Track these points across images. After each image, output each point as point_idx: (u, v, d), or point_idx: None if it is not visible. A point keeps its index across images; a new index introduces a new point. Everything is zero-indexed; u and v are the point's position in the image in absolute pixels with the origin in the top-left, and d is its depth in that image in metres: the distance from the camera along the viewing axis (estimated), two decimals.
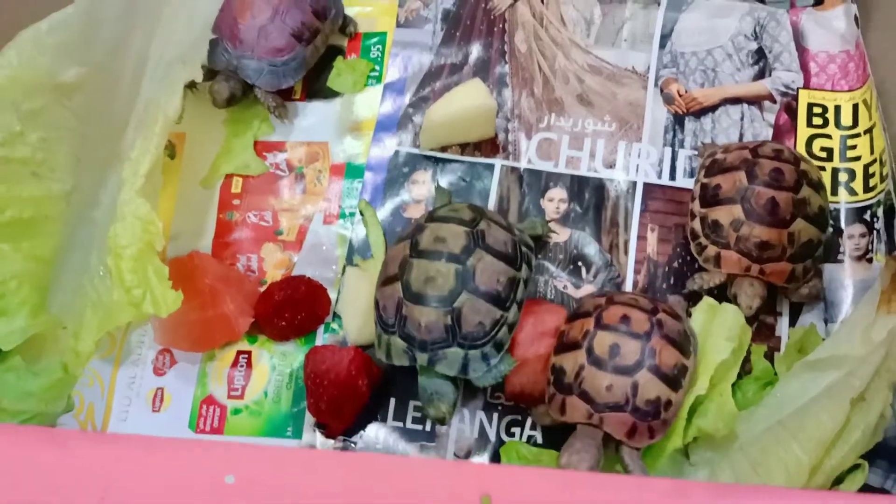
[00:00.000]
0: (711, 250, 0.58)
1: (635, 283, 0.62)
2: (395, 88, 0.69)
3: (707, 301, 0.58)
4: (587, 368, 0.53)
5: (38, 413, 0.56)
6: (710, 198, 0.59)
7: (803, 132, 0.66)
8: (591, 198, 0.65)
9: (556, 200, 0.65)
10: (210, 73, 0.66)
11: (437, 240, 0.55)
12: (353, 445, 0.59)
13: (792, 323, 0.60)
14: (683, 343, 0.54)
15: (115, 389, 0.61)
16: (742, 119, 0.67)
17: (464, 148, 0.67)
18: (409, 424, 0.59)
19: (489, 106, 0.64)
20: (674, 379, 0.53)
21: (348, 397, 0.57)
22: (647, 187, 0.65)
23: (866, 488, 0.53)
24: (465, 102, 0.64)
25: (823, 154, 0.65)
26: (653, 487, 0.37)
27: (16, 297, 0.55)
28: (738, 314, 0.57)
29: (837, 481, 0.53)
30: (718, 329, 0.57)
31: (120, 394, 0.61)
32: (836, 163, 0.65)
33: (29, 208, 0.57)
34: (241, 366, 0.61)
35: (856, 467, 0.53)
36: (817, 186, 0.58)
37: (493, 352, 0.55)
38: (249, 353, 0.62)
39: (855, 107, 0.66)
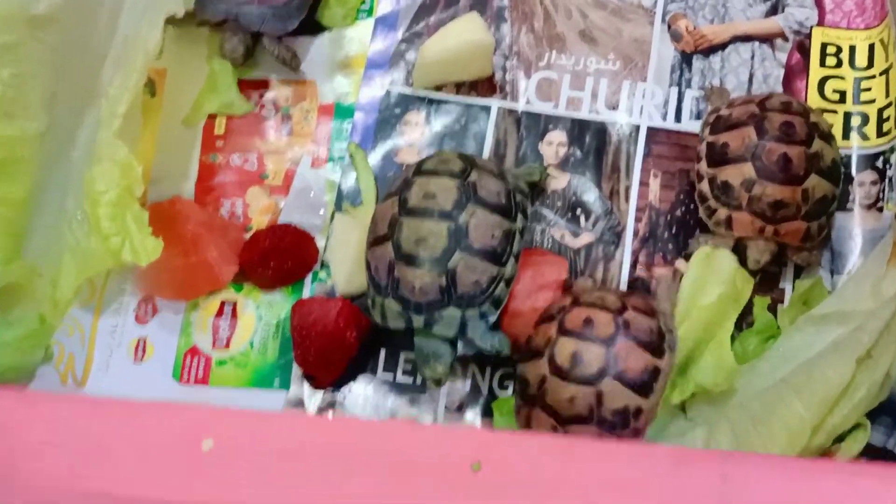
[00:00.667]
0: (722, 213, 0.55)
1: (636, 232, 0.60)
2: (387, 23, 0.65)
3: (703, 250, 0.56)
4: (549, 379, 0.49)
5: (14, 364, 0.54)
6: (718, 157, 0.56)
7: (816, 73, 0.63)
8: (591, 141, 0.62)
9: (555, 144, 0.62)
10: (213, 26, 0.62)
11: (426, 196, 0.52)
12: (341, 398, 0.57)
13: (797, 274, 0.58)
14: (655, 342, 0.50)
15: (96, 339, 0.59)
16: (752, 58, 0.63)
17: (459, 87, 0.63)
18: (399, 377, 0.58)
19: (486, 42, 0.61)
20: (643, 384, 0.49)
21: (336, 349, 0.55)
22: (651, 131, 0.62)
23: (868, 447, 0.51)
24: (461, 38, 0.61)
25: (836, 97, 0.62)
26: (654, 455, 0.35)
27: None
28: (732, 259, 0.55)
29: (838, 439, 0.51)
30: (711, 276, 0.55)
31: (101, 343, 0.59)
32: (849, 106, 0.62)
33: (0, 149, 0.54)
34: (227, 315, 0.59)
35: (858, 426, 0.51)
36: (829, 138, 0.56)
37: (491, 309, 0.53)
38: (235, 302, 0.59)
39: (871, 46, 0.62)
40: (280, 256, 0.58)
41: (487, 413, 0.57)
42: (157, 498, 0.35)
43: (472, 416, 0.57)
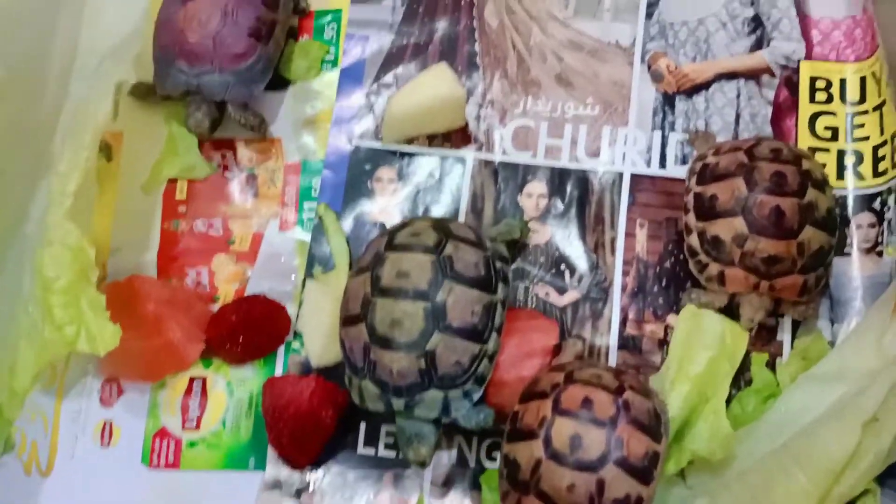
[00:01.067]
0: (714, 268, 0.52)
1: (624, 287, 0.57)
2: (353, 74, 0.62)
3: (688, 309, 0.53)
4: (545, 463, 0.46)
5: None
6: (707, 210, 0.53)
7: (805, 109, 0.60)
8: (573, 191, 0.59)
9: (535, 196, 0.59)
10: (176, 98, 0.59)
11: (399, 275, 0.49)
12: (319, 478, 0.54)
13: (795, 325, 0.55)
14: (653, 426, 0.47)
15: (60, 424, 0.56)
16: (738, 97, 0.60)
17: (432, 139, 0.60)
18: (381, 452, 0.55)
19: (457, 94, 0.57)
20: (644, 471, 0.46)
21: (312, 431, 0.52)
22: (635, 178, 0.59)
23: None
24: (431, 91, 0.57)
25: (828, 134, 0.59)
26: None
27: None
28: (718, 320, 0.52)
29: None
30: (699, 337, 0.52)
31: (65, 429, 0.56)
32: (843, 143, 0.59)
33: None
34: (196, 393, 0.56)
35: (866, 492, 0.48)
36: (822, 185, 0.53)
37: (474, 388, 0.50)
38: (204, 379, 0.56)
39: (862, 80, 0.60)
40: (250, 330, 0.55)
41: (475, 487, 0.54)
42: None
43: (460, 491, 0.54)
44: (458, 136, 0.60)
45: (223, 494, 0.54)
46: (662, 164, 0.59)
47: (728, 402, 0.52)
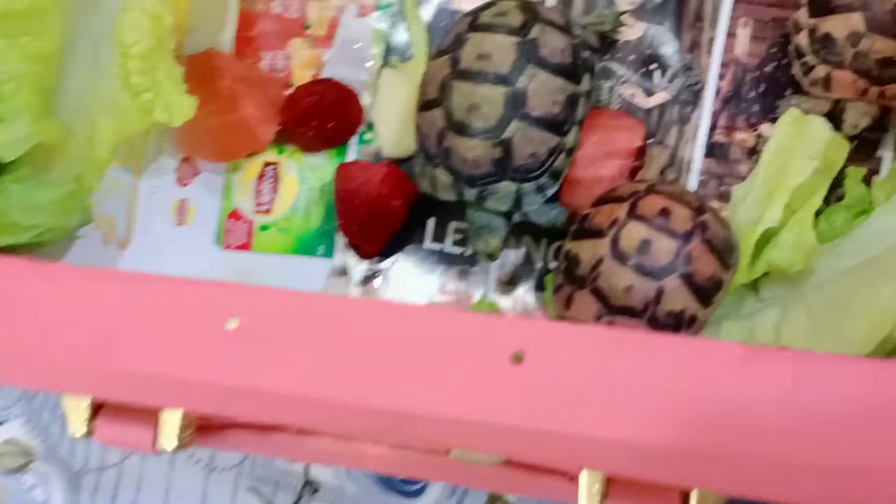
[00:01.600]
0: (821, 70, 0.48)
1: (718, 91, 0.53)
2: None
3: (792, 112, 0.50)
4: (607, 262, 0.45)
5: (52, 227, 0.53)
6: (823, 4, 0.48)
7: None
8: None
9: None
10: None
11: (480, 56, 0.46)
12: (387, 269, 0.54)
13: None
14: (725, 253, 0.46)
15: (137, 200, 0.57)
16: None
17: None
18: (448, 247, 0.54)
19: None
20: (706, 292, 0.45)
21: (381, 218, 0.52)
22: None
23: None
24: None
25: None
26: (718, 352, 0.31)
27: (15, 102, 0.50)
28: (825, 128, 0.48)
29: None
30: (802, 145, 0.49)
31: (142, 205, 0.57)
32: None
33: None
34: (269, 178, 0.56)
35: None
36: None
37: (549, 182, 0.48)
38: (276, 164, 0.56)
39: None
40: (322, 115, 0.54)
41: (540, 286, 0.53)
42: (178, 376, 0.33)
43: (524, 289, 0.54)
44: None
45: (292, 277, 0.56)
46: None
47: (816, 215, 0.50)
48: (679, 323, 0.45)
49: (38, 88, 0.52)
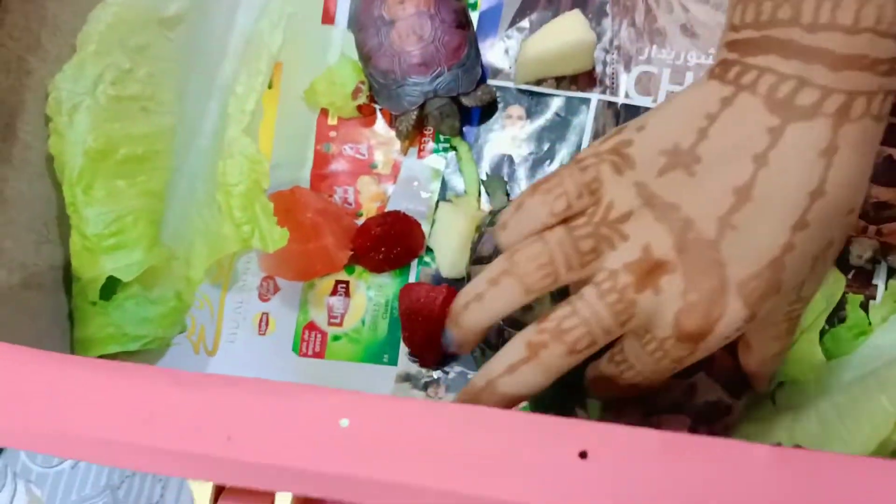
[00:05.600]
0: None
1: None
2: (491, 18, 0.68)
3: None
4: None
5: (157, 337, 0.60)
6: None
7: None
8: None
9: None
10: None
11: None
12: (446, 374, 0.62)
13: (891, 272, 0.59)
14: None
15: (224, 313, 0.65)
16: None
17: (559, 81, 0.66)
18: None
19: (588, 40, 0.63)
20: (734, 385, 0.52)
21: (440, 333, 0.59)
22: None
23: None
24: (563, 36, 0.63)
25: None
26: (751, 453, 0.38)
27: (133, 232, 0.58)
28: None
29: None
30: None
31: (228, 317, 0.65)
32: None
33: (141, 144, 0.60)
34: (340, 294, 0.64)
35: None
36: None
37: None
38: (347, 282, 0.64)
39: None
40: (390, 242, 0.62)
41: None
42: (301, 469, 0.40)
43: None
44: (585, 79, 0.66)
45: (360, 382, 0.63)
46: None
47: (822, 335, 0.57)
48: (717, 412, 0.51)
49: (150, 220, 0.60)
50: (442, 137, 0.66)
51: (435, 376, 0.62)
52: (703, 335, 0.41)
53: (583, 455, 0.38)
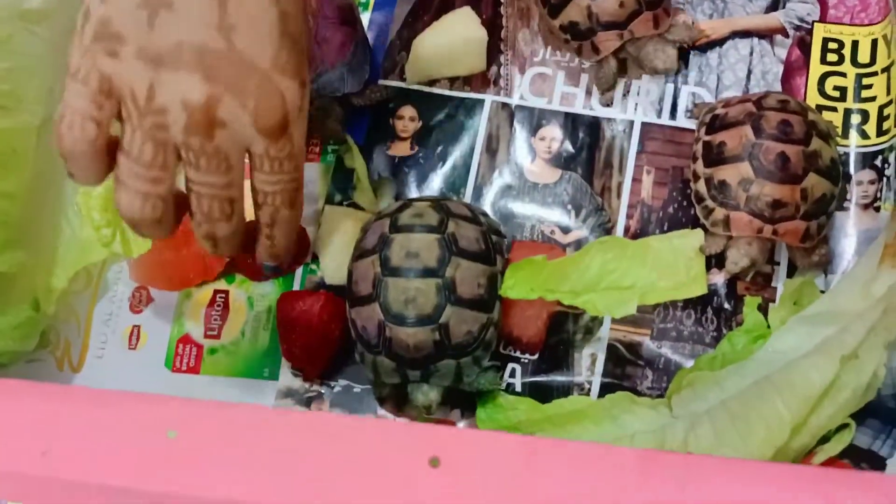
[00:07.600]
0: (719, 213, 0.55)
1: (627, 228, 0.59)
2: (382, 17, 0.65)
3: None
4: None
5: (8, 350, 0.55)
6: (715, 156, 0.55)
7: (816, 69, 0.62)
8: (585, 137, 0.61)
9: (547, 139, 0.62)
10: None
11: (409, 255, 0.52)
12: (330, 388, 0.58)
13: (790, 273, 0.57)
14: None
15: (92, 326, 0.60)
16: (751, 54, 0.62)
17: (453, 82, 0.63)
18: None
19: (479, 37, 0.61)
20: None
21: (321, 343, 0.56)
22: (646, 127, 0.61)
23: (852, 448, 0.51)
24: (454, 33, 0.61)
25: (836, 94, 0.61)
26: (618, 458, 0.35)
27: None
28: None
29: (823, 440, 0.51)
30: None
31: (96, 330, 0.60)
32: (850, 103, 0.61)
33: None
34: (219, 305, 0.60)
35: (844, 426, 0.51)
36: (827, 137, 0.55)
37: (483, 354, 0.53)
38: (227, 292, 0.60)
39: (874, 42, 0.61)
40: None
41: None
42: (121, 486, 0.36)
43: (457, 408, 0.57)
44: (479, 80, 0.63)
45: (238, 399, 0.58)
46: (673, 115, 0.61)
47: (718, 340, 0.55)
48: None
49: (2, 223, 0.56)
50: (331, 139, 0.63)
51: (318, 391, 0.58)
52: (285, 123, 0.42)
53: (433, 462, 0.35)
